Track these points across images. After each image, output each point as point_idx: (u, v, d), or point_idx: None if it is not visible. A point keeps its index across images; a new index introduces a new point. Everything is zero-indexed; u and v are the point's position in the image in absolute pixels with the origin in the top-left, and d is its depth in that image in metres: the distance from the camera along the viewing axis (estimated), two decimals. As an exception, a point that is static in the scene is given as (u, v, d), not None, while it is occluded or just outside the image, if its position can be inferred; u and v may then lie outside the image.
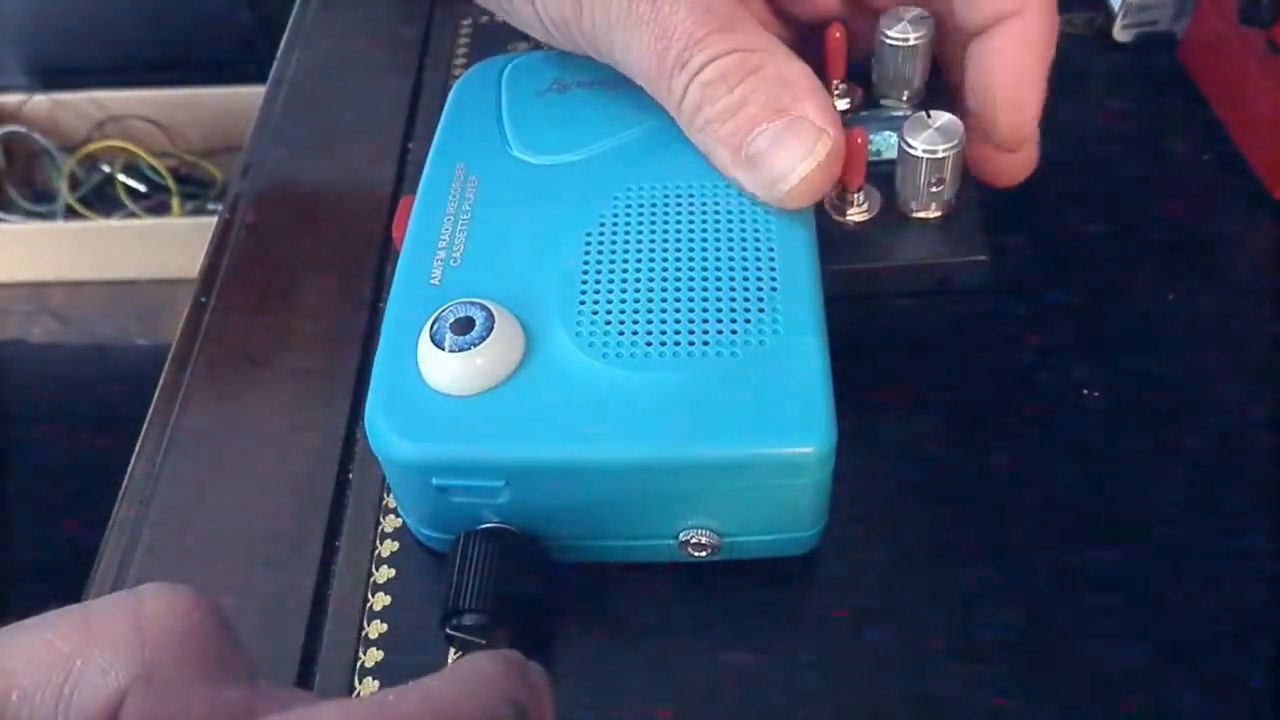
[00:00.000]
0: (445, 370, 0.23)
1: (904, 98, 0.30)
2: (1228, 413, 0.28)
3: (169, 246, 1.13)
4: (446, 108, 0.31)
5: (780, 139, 0.25)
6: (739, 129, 0.25)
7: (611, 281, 0.25)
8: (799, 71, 0.26)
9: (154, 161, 1.18)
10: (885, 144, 0.29)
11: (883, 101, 0.30)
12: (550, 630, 0.25)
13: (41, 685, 0.15)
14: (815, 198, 0.26)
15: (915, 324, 0.29)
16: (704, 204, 0.26)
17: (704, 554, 0.25)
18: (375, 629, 0.26)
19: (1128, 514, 0.27)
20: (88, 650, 0.15)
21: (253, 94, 0.45)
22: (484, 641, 0.24)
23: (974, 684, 0.24)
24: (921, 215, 0.28)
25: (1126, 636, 0.25)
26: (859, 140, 0.26)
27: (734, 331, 0.24)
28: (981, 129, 0.28)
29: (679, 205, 0.26)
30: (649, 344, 0.24)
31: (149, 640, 0.16)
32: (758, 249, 0.25)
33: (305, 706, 0.14)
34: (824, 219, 0.27)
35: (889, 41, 0.29)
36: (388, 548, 0.28)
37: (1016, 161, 0.29)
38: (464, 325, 0.23)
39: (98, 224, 1.17)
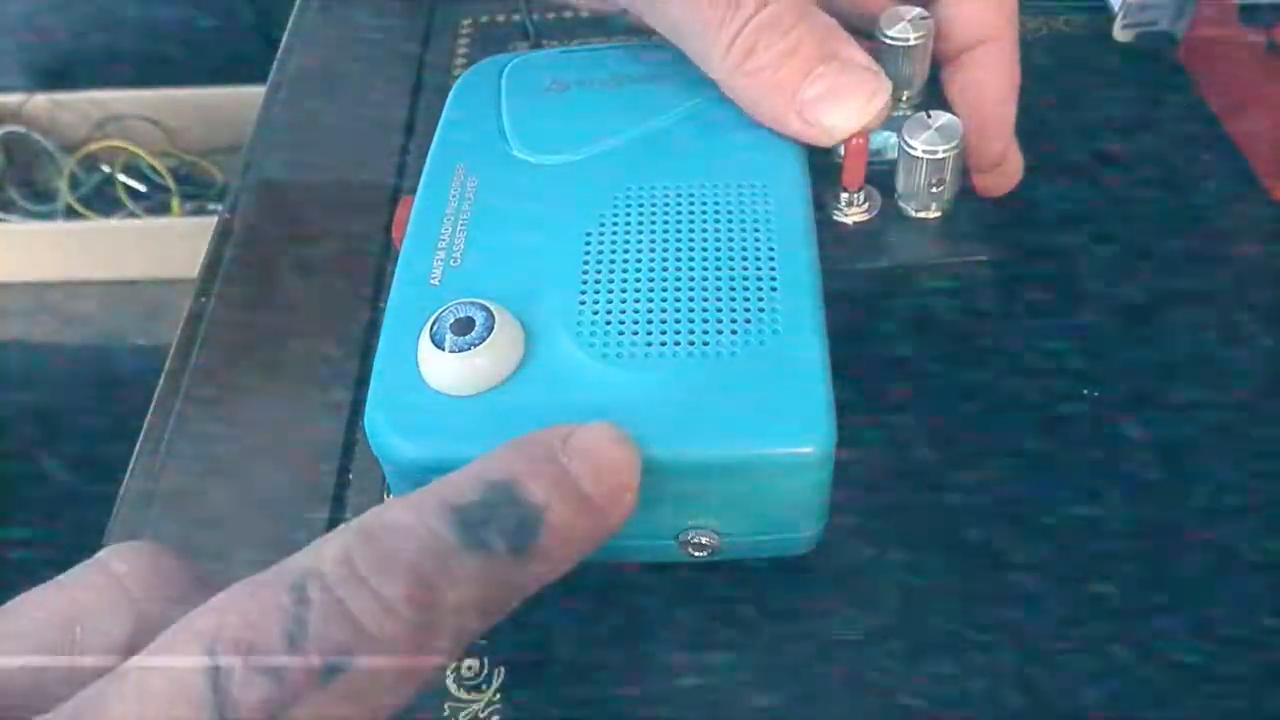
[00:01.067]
0: (445, 370, 0.23)
1: (904, 98, 0.30)
2: (1230, 412, 0.28)
3: (169, 246, 1.13)
4: (446, 107, 0.31)
5: (838, 84, 0.26)
6: (794, 74, 0.26)
7: (612, 281, 0.25)
8: (831, 19, 0.27)
9: (154, 161, 1.18)
10: (885, 144, 0.29)
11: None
12: (550, 630, 0.25)
13: (50, 658, 0.16)
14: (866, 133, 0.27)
15: (915, 324, 0.29)
16: (704, 203, 0.26)
17: (704, 554, 0.25)
18: (375, 629, 0.26)
19: (1131, 513, 0.27)
20: (83, 618, 0.16)
21: (253, 94, 0.45)
22: (484, 640, 0.24)
23: (976, 684, 0.24)
24: (921, 215, 0.28)
25: (1132, 637, 0.25)
26: (857, 143, 0.26)
27: (734, 331, 0.24)
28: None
29: (679, 205, 0.26)
30: (649, 344, 0.24)
31: (135, 595, 0.17)
32: (758, 249, 0.25)
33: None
34: (824, 219, 0.27)
35: (889, 42, 0.29)
36: (388, 548, 0.28)
37: (1003, 173, 0.29)
38: (464, 325, 0.23)
39: (98, 224, 1.17)
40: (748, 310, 0.24)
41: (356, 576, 0.16)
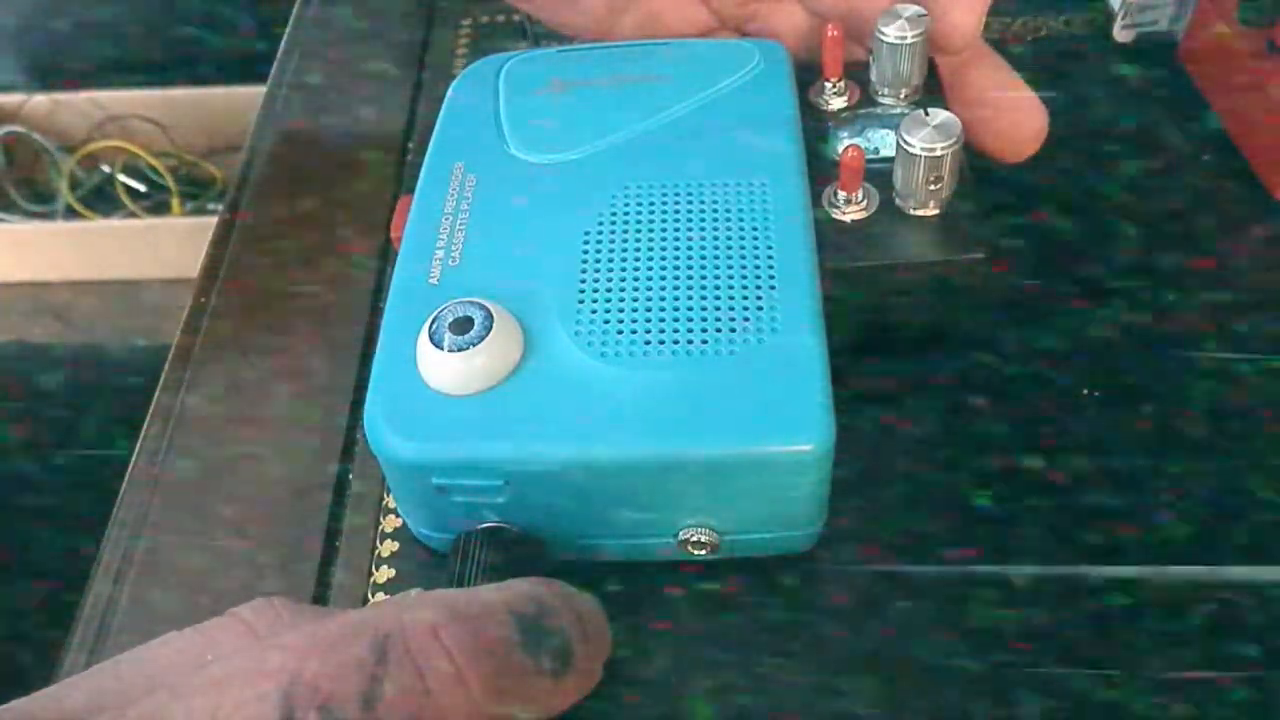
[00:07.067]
0: (444, 370, 0.23)
1: (901, 95, 0.30)
2: (1229, 412, 0.28)
3: (169, 246, 1.13)
4: (444, 107, 0.31)
5: None
6: None
7: (610, 280, 0.25)
8: None
9: (154, 161, 1.18)
10: (883, 142, 0.29)
11: (880, 99, 0.30)
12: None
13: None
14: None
15: (913, 322, 0.29)
16: (702, 202, 0.26)
17: (703, 552, 0.25)
18: (375, 628, 0.26)
19: (1129, 512, 0.27)
20: (214, 649, 0.18)
21: (253, 94, 0.45)
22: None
23: (974, 683, 0.24)
24: (919, 213, 0.28)
25: (1132, 637, 0.25)
26: (853, 154, 0.27)
27: (733, 330, 0.24)
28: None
29: (677, 203, 0.27)
30: (648, 342, 0.24)
31: (259, 631, 0.18)
32: (756, 247, 0.25)
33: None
34: (822, 217, 0.27)
35: (887, 40, 0.29)
36: (388, 548, 0.28)
37: (1025, 122, 0.29)
38: (463, 325, 0.23)
39: (98, 224, 1.17)
40: (746, 309, 0.24)
41: (441, 649, 0.17)
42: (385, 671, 0.16)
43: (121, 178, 1.19)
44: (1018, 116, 0.29)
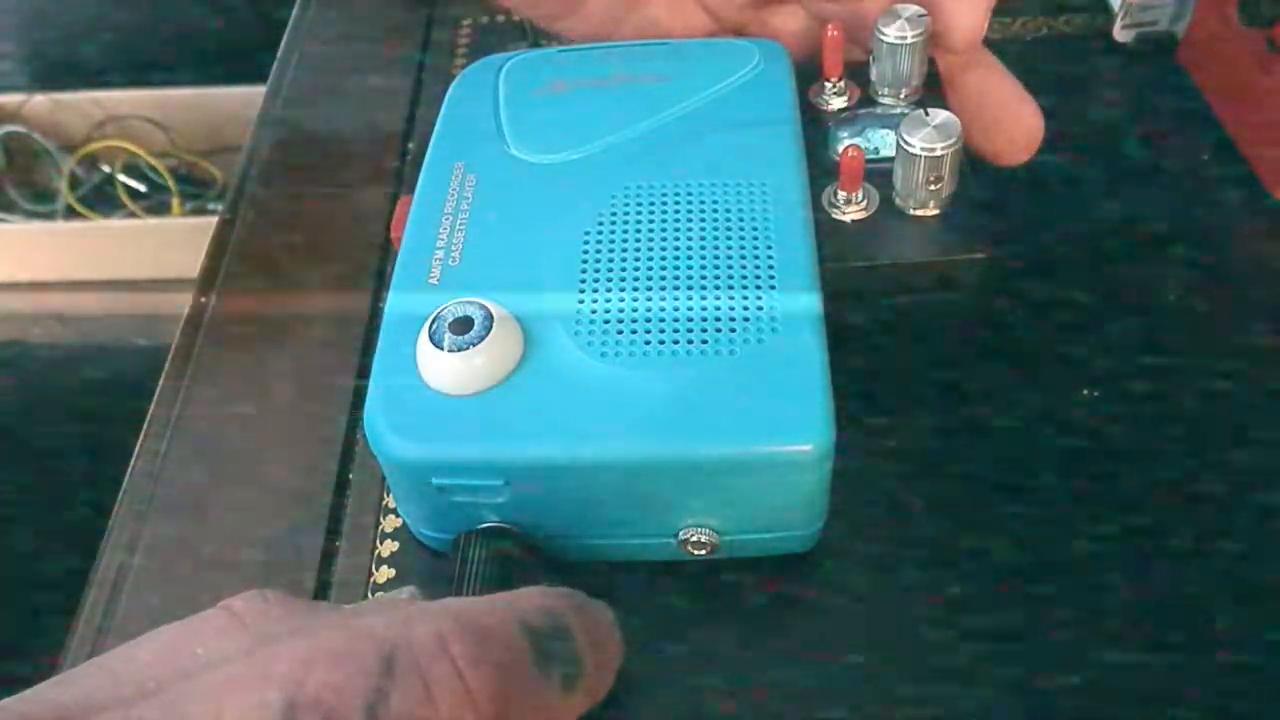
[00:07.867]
0: (444, 370, 0.23)
1: (901, 96, 0.30)
2: (1228, 411, 0.28)
3: (169, 246, 1.13)
4: (444, 106, 0.31)
5: None
6: None
7: (610, 280, 0.25)
8: None
9: (154, 161, 1.18)
10: (883, 142, 0.29)
11: (880, 99, 0.30)
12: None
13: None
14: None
15: (914, 322, 0.29)
16: (702, 202, 0.26)
17: (704, 552, 0.25)
18: (375, 628, 0.26)
19: (1129, 513, 0.27)
20: (205, 643, 0.17)
21: (253, 94, 0.45)
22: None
23: (973, 683, 0.24)
24: (920, 213, 0.28)
25: (1129, 639, 0.25)
26: (853, 154, 0.27)
27: (733, 330, 0.24)
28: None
29: (677, 203, 0.26)
30: (648, 343, 0.24)
31: (248, 623, 0.18)
32: (756, 247, 0.25)
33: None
34: (822, 217, 0.27)
35: (886, 40, 0.29)
36: (388, 548, 0.28)
37: (1022, 126, 0.29)
38: (463, 325, 0.23)
39: (98, 224, 1.17)
40: (746, 309, 0.24)
41: (450, 663, 0.17)
42: (391, 684, 0.16)
43: (121, 178, 1.19)
44: (1015, 120, 0.29)
